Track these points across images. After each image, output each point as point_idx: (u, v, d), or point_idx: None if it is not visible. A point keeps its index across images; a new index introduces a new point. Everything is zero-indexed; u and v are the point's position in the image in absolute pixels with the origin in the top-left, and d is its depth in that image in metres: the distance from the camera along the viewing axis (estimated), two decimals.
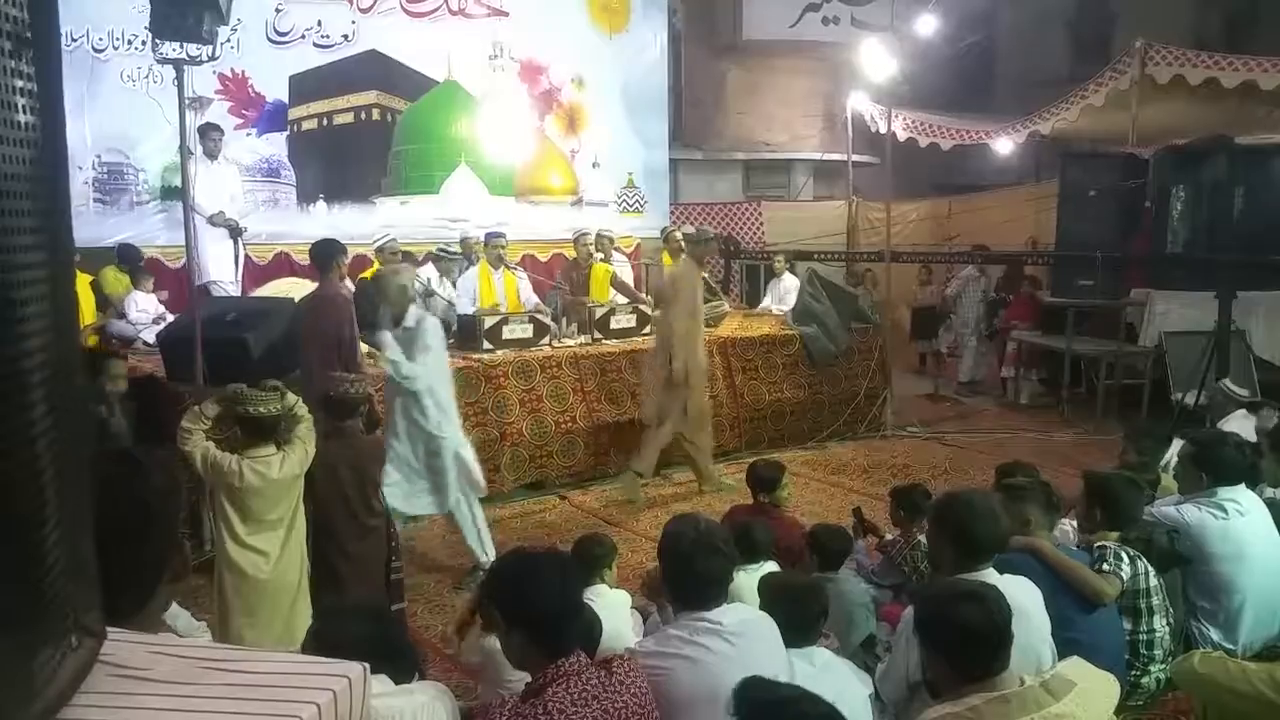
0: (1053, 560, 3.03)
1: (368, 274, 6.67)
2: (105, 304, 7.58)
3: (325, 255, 5.06)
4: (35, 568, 0.71)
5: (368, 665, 0.86)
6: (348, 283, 5.68)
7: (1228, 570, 3.44)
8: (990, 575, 2.58)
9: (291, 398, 3.53)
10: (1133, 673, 3.12)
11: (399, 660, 2.38)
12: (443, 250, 7.72)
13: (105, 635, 0.82)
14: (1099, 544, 3.22)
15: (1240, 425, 4.85)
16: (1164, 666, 3.20)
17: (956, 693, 2.02)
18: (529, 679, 2.09)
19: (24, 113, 0.69)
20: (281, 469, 3.44)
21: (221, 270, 7.67)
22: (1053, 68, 13.67)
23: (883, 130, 10.83)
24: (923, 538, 3.65)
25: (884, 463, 7.02)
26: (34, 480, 0.71)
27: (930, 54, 11.33)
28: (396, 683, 2.25)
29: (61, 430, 0.73)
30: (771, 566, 3.44)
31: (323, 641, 2.25)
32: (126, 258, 7.79)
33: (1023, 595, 2.54)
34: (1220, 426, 4.89)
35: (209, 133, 7.70)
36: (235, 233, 7.56)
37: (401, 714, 2.16)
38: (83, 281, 7.29)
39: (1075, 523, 3.60)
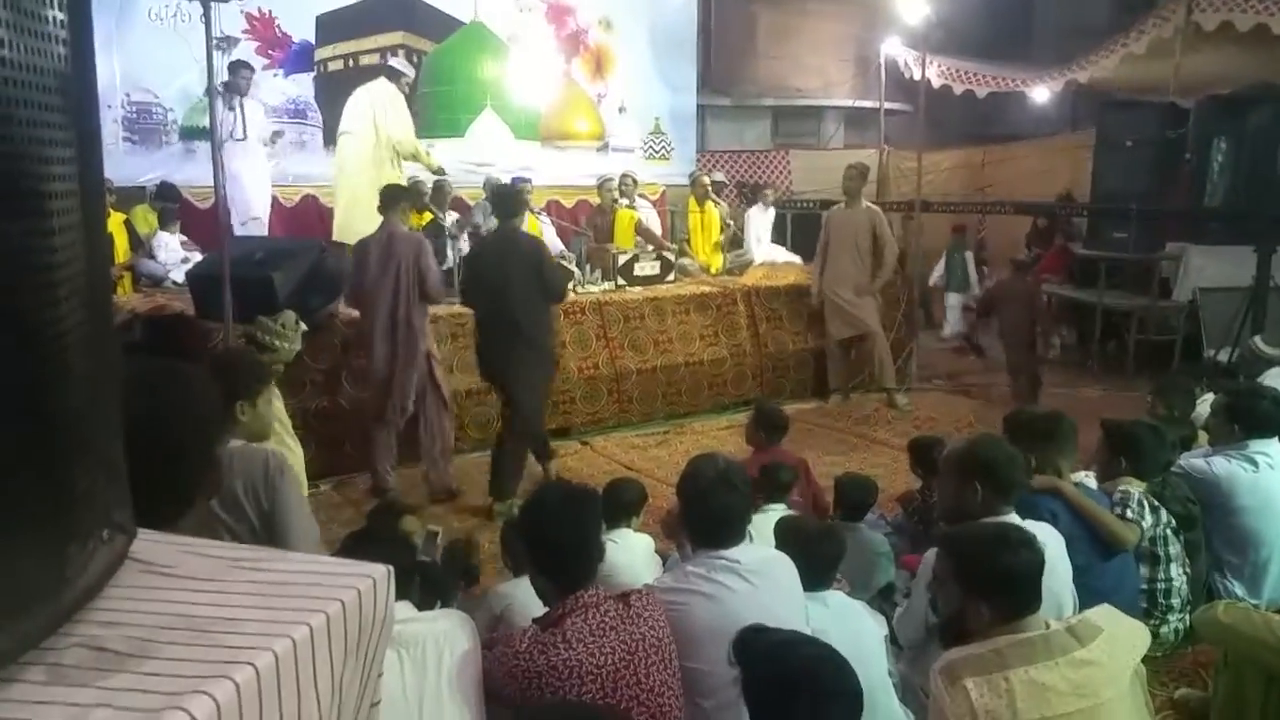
0: (1076, 502, 3.02)
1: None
2: (138, 244, 7.65)
3: (387, 198, 5.36)
4: (68, 461, 0.72)
5: (392, 568, 0.87)
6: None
7: (1255, 523, 3.42)
8: (1014, 519, 2.57)
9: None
10: (1151, 621, 3.12)
11: (422, 587, 2.43)
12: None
13: (135, 533, 0.84)
14: (1122, 488, 3.20)
15: (1275, 383, 4.78)
16: (1182, 616, 3.20)
17: (983, 635, 2.02)
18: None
19: (54, 7, 0.69)
20: None
21: (258, 212, 7.71)
22: (1094, 14, 13.26)
23: (917, 77, 10.61)
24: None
25: (908, 415, 6.99)
26: (65, 377, 0.73)
27: None
28: (419, 609, 2.30)
29: (91, 329, 0.74)
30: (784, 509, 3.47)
31: None
32: (165, 195, 7.81)
33: (1045, 541, 2.54)
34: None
35: (240, 70, 7.63)
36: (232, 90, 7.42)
37: (424, 640, 2.20)
38: (116, 221, 7.36)
39: (1095, 473, 3.58)
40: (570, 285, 6.90)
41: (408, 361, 5.15)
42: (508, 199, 5.37)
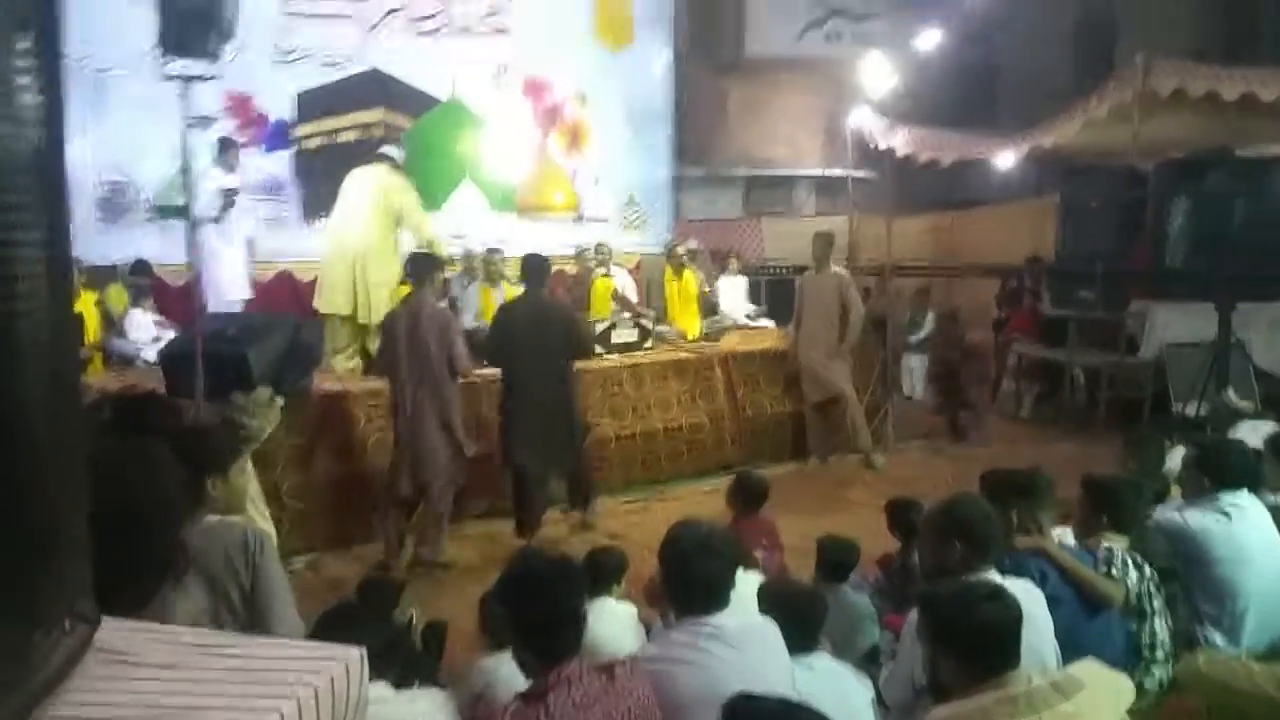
0: (1061, 562, 3.02)
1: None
2: (110, 323, 7.60)
3: (418, 269, 5.36)
4: (32, 550, 0.71)
5: (365, 650, 0.85)
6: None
7: (1231, 574, 3.43)
8: (994, 576, 2.57)
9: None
10: (1135, 674, 3.11)
11: (400, 666, 2.37)
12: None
13: (99, 621, 0.82)
14: (1106, 546, 3.21)
15: (1247, 436, 4.85)
16: (1166, 668, 3.19)
17: (964, 693, 2.01)
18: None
19: (29, 93, 0.69)
20: None
21: (236, 290, 7.68)
22: (1055, 81, 13.70)
23: (882, 148, 10.89)
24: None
25: (887, 476, 6.99)
26: (30, 464, 0.71)
27: (932, 69, 11.35)
28: (397, 689, 2.24)
29: (57, 412, 0.73)
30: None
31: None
32: (137, 271, 7.79)
33: (1025, 597, 2.53)
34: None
35: (229, 148, 7.62)
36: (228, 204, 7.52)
37: None
38: (87, 301, 7.31)
39: (1072, 529, 3.58)
40: None
41: (430, 437, 5.15)
42: (538, 267, 5.70)
